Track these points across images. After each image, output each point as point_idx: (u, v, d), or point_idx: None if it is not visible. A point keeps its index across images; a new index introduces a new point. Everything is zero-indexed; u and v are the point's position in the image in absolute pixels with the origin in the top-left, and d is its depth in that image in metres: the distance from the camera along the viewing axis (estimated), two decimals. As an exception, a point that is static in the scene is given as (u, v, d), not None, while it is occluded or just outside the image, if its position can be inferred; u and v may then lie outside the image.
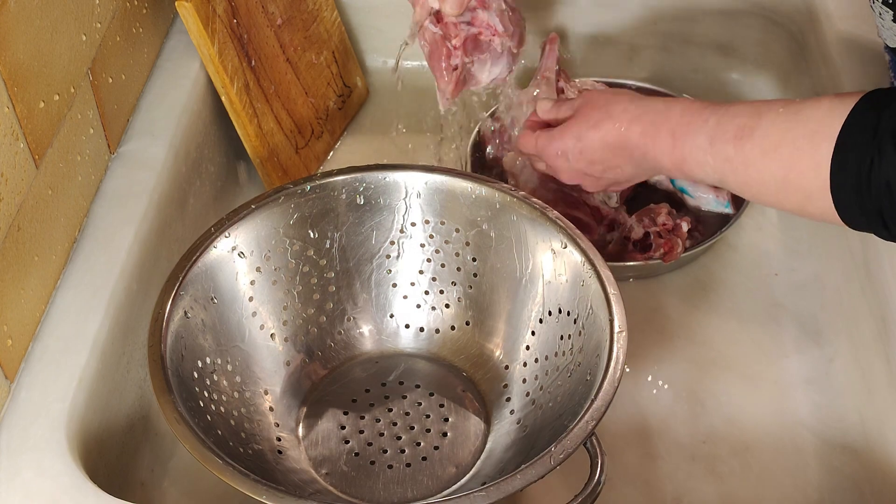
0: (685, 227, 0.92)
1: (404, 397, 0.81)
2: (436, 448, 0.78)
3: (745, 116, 0.70)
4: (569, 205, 0.93)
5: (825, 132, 0.64)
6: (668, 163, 0.75)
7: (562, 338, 0.77)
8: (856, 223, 0.65)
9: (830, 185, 0.64)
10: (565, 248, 0.77)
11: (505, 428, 0.78)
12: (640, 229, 0.92)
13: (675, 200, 0.97)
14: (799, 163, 0.66)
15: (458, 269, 0.84)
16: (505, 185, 0.81)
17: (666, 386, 0.86)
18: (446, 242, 0.84)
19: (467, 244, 0.83)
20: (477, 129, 1.02)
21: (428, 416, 0.80)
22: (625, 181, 0.83)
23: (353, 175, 0.82)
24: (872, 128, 0.62)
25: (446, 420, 0.80)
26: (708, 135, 0.71)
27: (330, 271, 0.83)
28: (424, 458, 0.77)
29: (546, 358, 0.78)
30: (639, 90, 1.05)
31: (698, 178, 0.74)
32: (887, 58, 0.87)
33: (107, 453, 0.72)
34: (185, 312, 0.72)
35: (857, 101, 0.63)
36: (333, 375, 0.83)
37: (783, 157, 0.66)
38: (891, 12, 0.78)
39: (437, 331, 0.85)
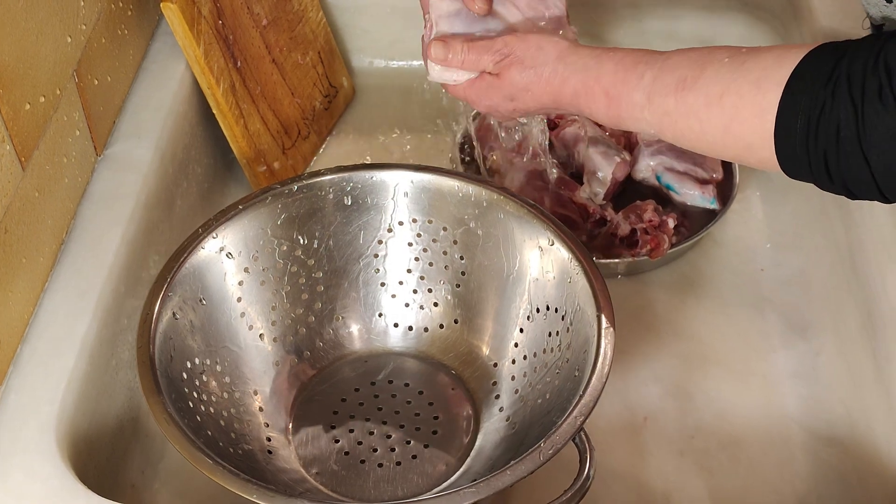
0: (671, 223, 0.93)
1: (394, 396, 0.81)
2: (425, 446, 0.78)
3: (685, 68, 0.68)
4: (555, 202, 0.93)
5: (773, 78, 0.63)
6: (602, 119, 0.74)
7: (550, 334, 0.77)
8: (798, 171, 0.64)
9: (775, 130, 0.63)
10: (552, 245, 0.77)
11: (494, 425, 0.78)
12: (627, 226, 0.92)
13: (660, 197, 0.97)
14: (742, 110, 0.65)
15: (446, 267, 0.84)
16: (491, 182, 0.81)
17: (654, 381, 0.86)
18: (434, 241, 0.84)
19: (455, 242, 0.83)
20: (463, 128, 1.02)
21: (417, 415, 0.80)
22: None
23: (340, 175, 0.82)
24: (828, 72, 0.61)
25: (436, 418, 0.80)
26: (645, 91, 0.70)
27: (318, 271, 0.83)
28: (414, 456, 0.77)
29: (534, 355, 0.78)
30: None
31: (632, 130, 0.74)
32: None
33: (97, 455, 0.72)
34: (174, 314, 0.72)
35: (810, 50, 0.62)
36: (323, 375, 0.83)
37: (726, 106, 0.65)
38: None
39: (426, 329, 0.85)
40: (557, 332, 0.76)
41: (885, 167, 0.60)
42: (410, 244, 0.84)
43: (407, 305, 0.85)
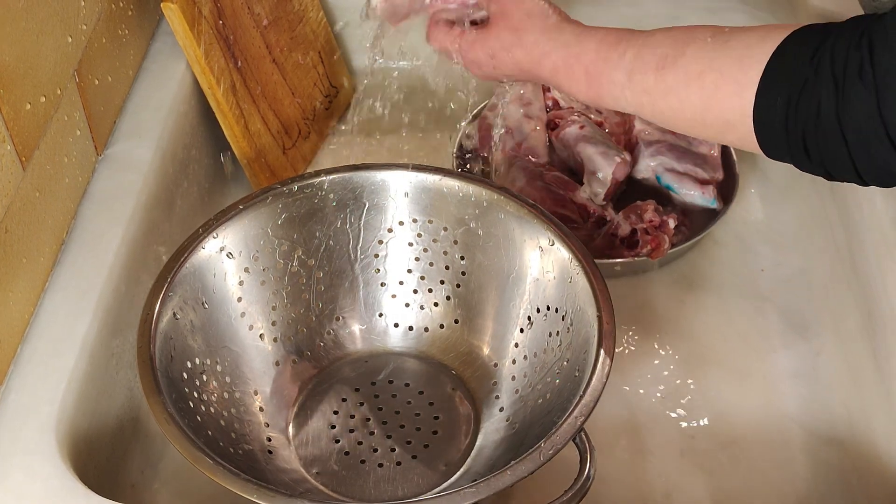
0: (672, 223, 0.93)
1: (394, 396, 0.81)
2: (426, 446, 0.78)
3: (667, 47, 0.68)
4: (556, 202, 0.93)
5: (755, 56, 0.62)
6: (582, 98, 0.75)
7: (550, 335, 0.77)
8: (776, 150, 0.64)
9: (754, 107, 0.63)
10: (553, 245, 0.77)
11: (494, 425, 0.78)
12: (627, 226, 0.92)
13: (661, 197, 0.97)
14: (723, 87, 0.64)
15: (447, 267, 0.84)
16: (492, 182, 0.81)
17: (654, 381, 0.86)
18: (434, 241, 0.84)
19: (455, 242, 0.83)
20: (463, 129, 1.02)
21: (418, 415, 0.80)
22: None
23: (340, 175, 0.82)
24: (812, 50, 0.60)
25: (436, 418, 0.80)
26: (626, 69, 0.70)
27: (318, 271, 0.83)
28: (414, 457, 0.77)
29: (535, 355, 0.78)
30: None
31: (611, 108, 0.74)
32: None
33: (97, 455, 0.72)
34: (174, 313, 0.72)
35: (794, 29, 0.62)
36: (323, 375, 0.83)
37: (706, 83, 0.65)
38: None
39: (426, 329, 0.85)
40: (558, 332, 0.76)
41: (862, 147, 0.60)
42: (411, 244, 0.84)
43: (407, 305, 0.85)
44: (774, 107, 0.62)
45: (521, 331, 0.80)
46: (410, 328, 0.85)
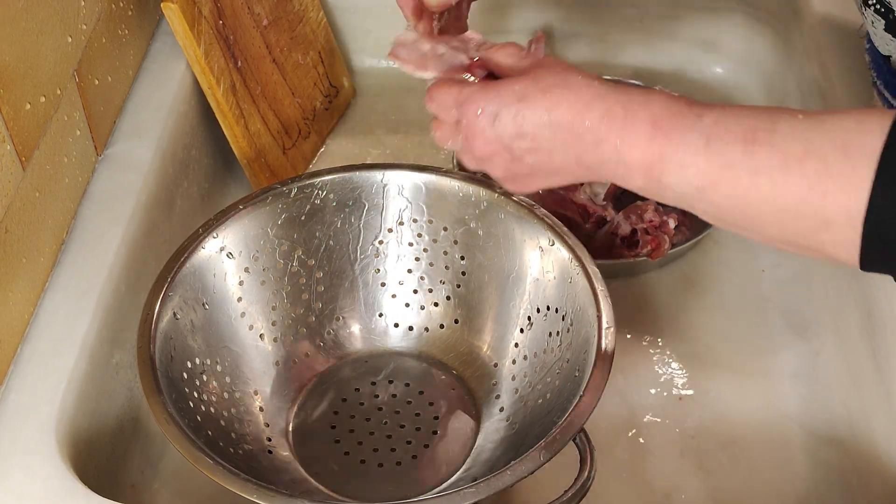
0: (672, 223, 0.93)
1: (394, 396, 0.81)
2: (426, 446, 0.78)
3: (754, 119, 0.57)
4: (555, 203, 0.94)
5: (862, 147, 0.53)
6: (635, 159, 0.59)
7: (550, 335, 0.77)
8: (882, 258, 0.55)
9: (868, 209, 0.53)
10: (553, 245, 0.77)
11: (494, 425, 0.78)
12: (628, 226, 0.92)
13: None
14: (826, 180, 0.54)
15: (447, 267, 0.84)
16: (492, 182, 0.81)
17: (654, 381, 0.86)
18: (434, 241, 0.84)
19: (455, 242, 0.83)
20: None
21: (418, 415, 0.80)
22: (542, 176, 0.65)
23: (340, 175, 0.82)
24: None
25: (436, 418, 0.80)
26: (703, 132, 0.57)
27: (318, 271, 0.83)
28: (414, 457, 0.77)
29: (535, 355, 0.78)
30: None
31: (667, 185, 0.59)
32: (867, 58, 0.87)
33: (97, 455, 0.72)
34: (174, 314, 0.72)
35: (893, 119, 0.53)
36: (323, 375, 0.83)
37: (807, 170, 0.54)
38: (883, 21, 0.77)
39: (427, 329, 0.85)
40: (558, 332, 0.76)
41: None
42: (411, 244, 0.84)
43: (407, 305, 0.85)
44: (893, 213, 0.52)
45: (521, 331, 0.80)
46: (410, 328, 0.85)
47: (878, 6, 0.76)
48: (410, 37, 0.70)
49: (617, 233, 0.93)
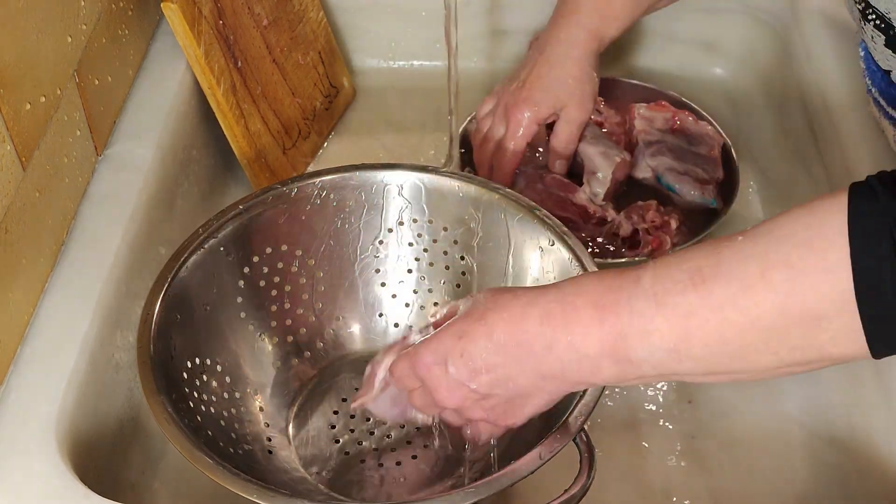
0: (673, 223, 0.93)
1: (394, 396, 0.81)
2: (425, 446, 0.78)
3: (693, 261, 0.54)
4: (556, 203, 0.93)
5: (825, 233, 0.51)
6: (593, 348, 0.57)
7: (550, 335, 0.77)
8: (891, 333, 0.52)
9: (856, 289, 0.50)
10: (553, 245, 0.77)
11: (494, 425, 0.78)
12: (629, 226, 0.92)
13: (661, 196, 0.97)
14: (800, 281, 0.51)
15: (447, 267, 0.84)
16: (492, 183, 0.81)
17: (655, 381, 0.86)
18: (434, 241, 0.84)
19: (455, 242, 0.83)
20: (463, 129, 1.02)
21: (418, 415, 0.80)
22: (519, 403, 0.63)
23: (340, 175, 0.82)
24: (888, 228, 0.49)
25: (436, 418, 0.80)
26: (648, 296, 0.55)
27: (318, 271, 0.83)
28: (414, 457, 0.77)
29: (535, 355, 0.78)
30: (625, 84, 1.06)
31: (639, 360, 0.56)
32: (862, 65, 0.87)
33: (97, 455, 0.72)
34: (174, 314, 0.72)
35: (851, 190, 0.51)
36: (323, 375, 0.83)
37: (774, 282, 0.52)
38: (883, 37, 0.76)
39: (426, 329, 0.85)
40: (558, 332, 0.76)
41: None
42: (411, 244, 0.84)
43: (407, 305, 0.85)
44: (884, 279, 0.49)
45: (521, 331, 0.80)
46: (410, 328, 0.85)
47: (877, 22, 0.76)
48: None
49: (618, 232, 0.93)
